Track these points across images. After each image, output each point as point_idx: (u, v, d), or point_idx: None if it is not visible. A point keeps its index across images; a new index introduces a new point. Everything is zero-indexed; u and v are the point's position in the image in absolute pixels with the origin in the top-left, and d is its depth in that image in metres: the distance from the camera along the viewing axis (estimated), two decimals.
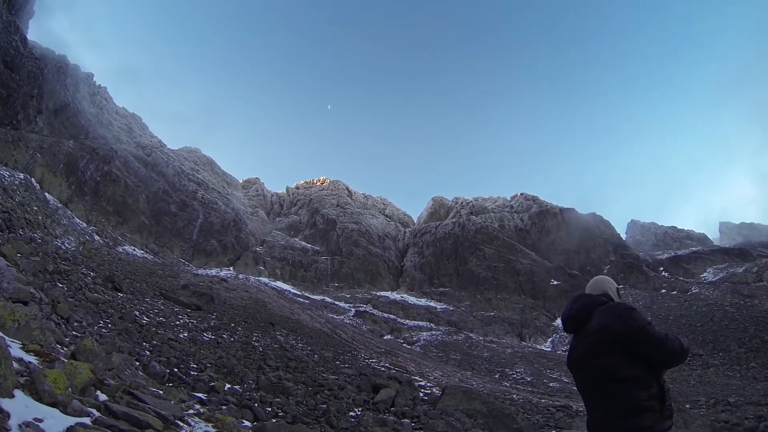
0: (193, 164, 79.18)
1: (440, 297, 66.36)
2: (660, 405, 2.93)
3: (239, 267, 60.58)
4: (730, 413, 19.38)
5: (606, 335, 3.05)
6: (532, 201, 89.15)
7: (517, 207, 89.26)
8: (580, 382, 3.26)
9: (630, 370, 2.95)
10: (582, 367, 3.20)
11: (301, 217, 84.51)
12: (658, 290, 63.32)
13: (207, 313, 25.39)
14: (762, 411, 18.79)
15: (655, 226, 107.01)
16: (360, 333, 43.16)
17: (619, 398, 2.91)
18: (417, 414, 13.98)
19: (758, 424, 15.69)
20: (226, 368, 14.04)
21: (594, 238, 79.32)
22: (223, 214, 67.81)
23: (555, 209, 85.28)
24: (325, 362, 22.30)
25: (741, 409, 20.50)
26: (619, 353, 2.99)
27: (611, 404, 2.94)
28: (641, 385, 2.93)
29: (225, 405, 9.83)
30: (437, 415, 14.07)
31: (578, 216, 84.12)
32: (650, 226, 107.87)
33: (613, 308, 3.18)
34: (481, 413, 14.58)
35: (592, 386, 3.10)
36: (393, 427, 12.06)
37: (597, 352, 3.07)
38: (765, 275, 58.97)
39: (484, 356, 43.53)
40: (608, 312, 3.16)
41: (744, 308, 47.76)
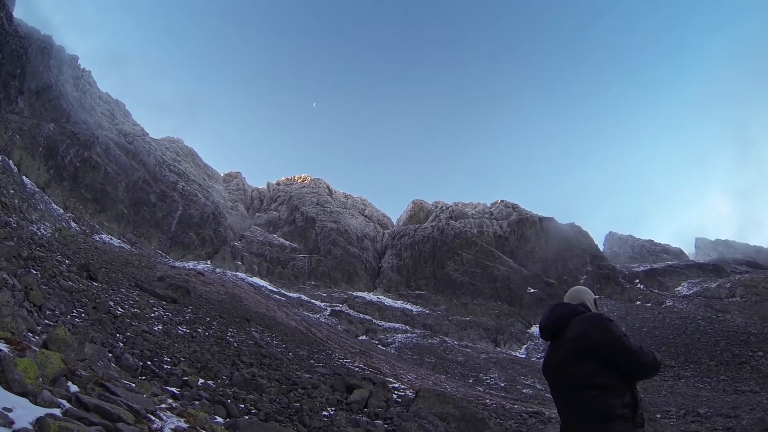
0: (174, 155, 78.22)
1: (416, 300, 66.43)
2: (632, 413, 2.96)
3: (217, 261, 60.05)
4: (699, 424, 19.71)
5: (582, 343, 3.08)
6: (512, 209, 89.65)
7: (496, 214, 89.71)
8: (555, 389, 3.28)
9: (604, 378, 2.98)
10: (557, 374, 3.23)
11: (280, 213, 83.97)
12: (633, 302, 64.18)
13: (182, 306, 25.10)
14: (731, 423, 19.14)
15: (632, 239, 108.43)
16: (335, 332, 43.03)
17: (593, 405, 2.93)
18: (390, 416, 13.95)
19: None
20: (200, 363, 13.88)
21: (572, 248, 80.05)
22: (203, 206, 67.14)
23: (534, 218, 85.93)
24: (299, 360, 22.19)
25: (710, 420, 20.84)
26: (595, 361, 3.03)
27: (585, 410, 2.96)
28: (615, 393, 2.96)
29: (198, 400, 9.71)
30: (410, 417, 14.06)
31: (557, 225, 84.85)
32: (628, 238, 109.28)
33: (590, 318, 3.21)
34: (454, 417, 14.60)
35: (567, 393, 3.12)
36: (366, 428, 12.02)
37: (573, 360, 3.11)
38: (737, 291, 60.15)
39: (459, 360, 43.67)
40: (585, 321, 3.19)
41: (716, 322, 48.63)
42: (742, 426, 17.83)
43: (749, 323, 46.90)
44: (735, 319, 49.28)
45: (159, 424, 6.18)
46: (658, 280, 73.93)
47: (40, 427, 3.93)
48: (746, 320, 48.47)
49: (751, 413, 21.58)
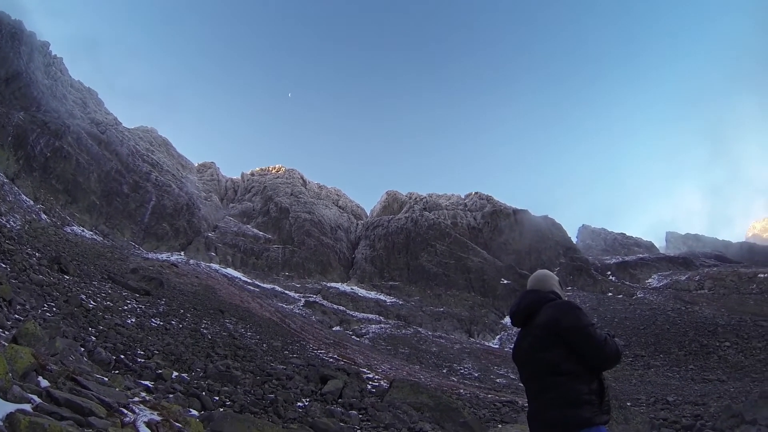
0: (148, 144, 76.78)
1: (390, 291, 66.53)
2: (599, 400, 3.01)
3: (190, 252, 59.33)
4: (668, 412, 20.15)
5: (551, 330, 3.12)
6: (486, 200, 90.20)
7: (470, 205, 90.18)
8: (524, 375, 3.33)
9: (573, 365, 3.03)
10: (527, 360, 3.27)
11: (254, 204, 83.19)
12: (605, 293, 65.26)
13: (156, 298, 24.78)
14: (698, 410, 19.58)
15: (605, 232, 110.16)
16: (309, 323, 42.92)
17: (561, 390, 2.98)
18: (364, 406, 14.00)
19: (695, 423, 16.30)
20: (174, 355, 13.73)
21: (545, 240, 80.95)
22: (177, 197, 66.19)
23: (508, 210, 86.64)
24: (273, 351, 22.10)
25: (679, 408, 21.31)
26: (563, 348, 3.07)
27: (553, 396, 3.00)
28: (583, 380, 3.00)
29: (172, 393, 9.61)
30: (385, 407, 14.12)
31: (531, 218, 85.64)
32: (600, 231, 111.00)
33: (560, 305, 3.26)
34: (428, 407, 14.68)
35: (536, 378, 3.16)
36: (340, 418, 12.05)
37: (542, 346, 3.14)
38: (706, 284, 61.76)
39: (433, 351, 43.90)
40: (555, 308, 3.23)
41: (685, 314, 49.74)
42: (710, 413, 18.24)
43: (717, 315, 48.03)
44: (703, 311, 50.44)
45: (132, 418, 6.11)
46: (629, 273, 75.50)
47: (10, 422, 3.86)
48: (714, 312, 49.61)
49: (718, 401, 22.11)
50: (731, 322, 44.33)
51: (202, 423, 7.77)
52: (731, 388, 27.74)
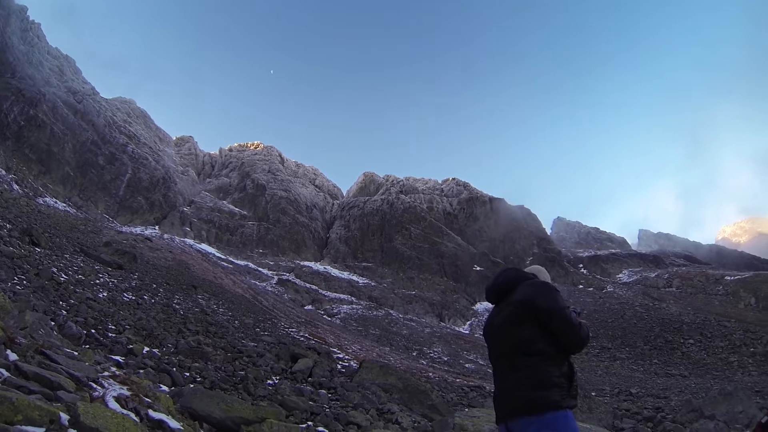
0: (125, 116, 75.03)
1: (363, 272, 66.78)
2: (568, 383, 2.99)
3: (165, 226, 58.70)
4: (631, 403, 20.72)
5: (527, 306, 3.09)
6: (463, 187, 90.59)
7: (447, 191, 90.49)
8: (494, 352, 3.28)
9: (544, 346, 3.00)
10: (499, 336, 3.23)
11: (231, 180, 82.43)
12: (576, 285, 66.50)
13: (129, 272, 24.50)
14: (660, 403, 20.19)
15: (579, 225, 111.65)
16: (281, 301, 42.93)
17: (531, 371, 2.95)
18: (334, 385, 14.07)
19: (656, 414, 16.80)
20: (146, 331, 13.63)
21: (520, 229, 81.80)
22: (153, 170, 65.21)
23: (485, 197, 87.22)
24: (245, 329, 22.08)
25: (642, 399, 21.94)
26: (536, 327, 3.04)
27: (522, 375, 2.97)
28: (554, 362, 2.99)
29: (143, 369, 9.57)
30: (354, 387, 14.23)
31: (507, 207, 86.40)
32: (575, 224, 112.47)
33: (538, 284, 3.23)
34: (397, 388, 14.82)
35: (506, 356, 3.14)
36: (310, 397, 12.11)
37: (516, 322, 3.11)
38: (674, 282, 63.33)
39: (403, 333, 44.27)
40: (533, 286, 3.20)
41: (652, 310, 51.06)
42: (670, 407, 18.79)
43: (683, 313, 49.35)
44: (670, 308, 51.81)
45: (101, 392, 6.08)
46: (601, 267, 77.02)
47: None
48: (680, 310, 50.97)
49: (679, 395, 22.83)
50: (696, 320, 45.64)
51: (172, 398, 7.77)
52: (692, 383, 28.66)
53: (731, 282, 58.73)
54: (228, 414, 7.90)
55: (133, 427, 4.85)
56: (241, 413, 8.02)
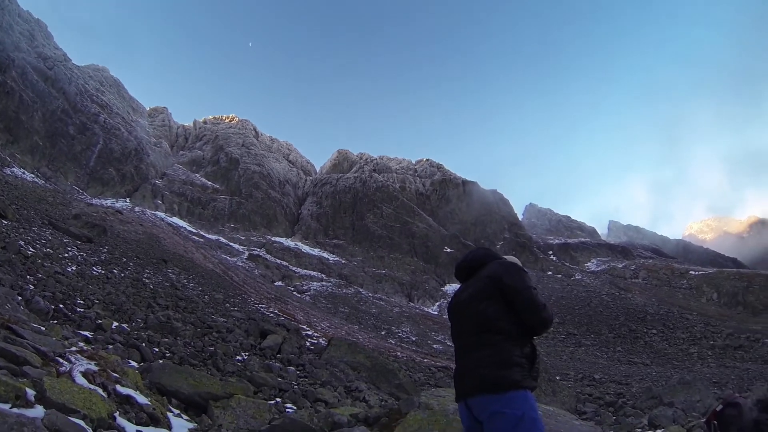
0: (98, 84, 72.81)
1: (333, 249, 66.68)
2: (530, 365, 2.97)
3: (136, 199, 57.60)
4: (594, 388, 21.28)
5: (494, 283, 3.07)
6: (437, 168, 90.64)
7: (420, 172, 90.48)
8: (458, 328, 3.25)
9: (508, 324, 2.97)
10: (463, 312, 3.20)
11: (205, 153, 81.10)
12: (545, 272, 67.40)
13: (98, 246, 24.12)
14: (622, 389, 20.80)
15: (551, 213, 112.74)
16: (252, 277, 42.74)
17: (494, 349, 2.93)
18: (302, 362, 14.15)
19: (617, 400, 17.32)
20: (115, 305, 13.49)
21: (492, 213, 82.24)
22: (125, 141, 63.65)
23: (458, 180, 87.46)
24: (215, 304, 21.99)
25: (604, 385, 22.55)
26: (502, 305, 3.01)
27: (485, 354, 2.94)
28: (516, 342, 2.96)
29: (111, 344, 9.50)
30: (322, 365, 14.32)
31: (480, 190, 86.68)
32: (546, 211, 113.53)
33: (507, 263, 3.21)
34: (364, 367, 14.94)
35: (469, 333, 3.10)
36: (278, 373, 12.16)
37: (482, 297, 3.08)
38: (641, 274, 64.91)
39: (372, 312, 44.50)
40: (502, 265, 3.19)
41: (618, 299, 52.27)
42: (631, 393, 19.35)
43: (648, 304, 50.69)
44: (635, 299, 53.10)
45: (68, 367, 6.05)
46: (570, 254, 78.23)
47: None
48: (645, 300, 52.28)
49: (640, 382, 23.53)
50: (660, 311, 46.93)
51: (140, 374, 7.76)
52: (653, 372, 29.46)
53: (695, 277, 60.28)
54: (196, 389, 7.93)
55: (100, 402, 4.86)
56: (209, 389, 8.05)
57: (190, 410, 7.58)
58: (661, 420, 9.06)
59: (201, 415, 7.35)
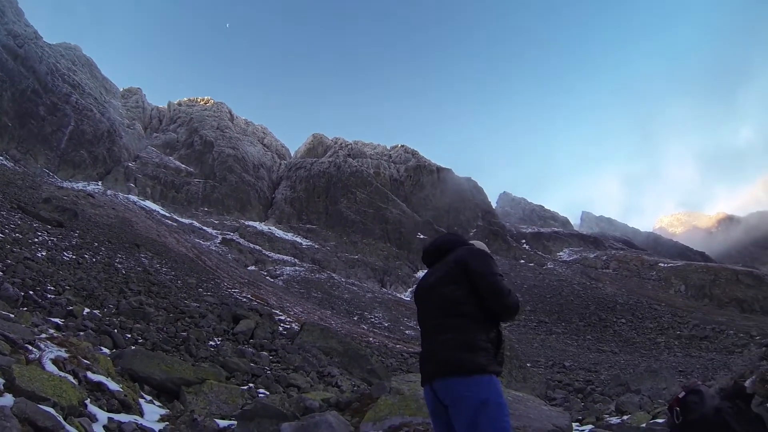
0: (70, 63, 70.24)
1: (307, 233, 66.38)
2: (495, 349, 2.97)
3: (108, 182, 56.47)
4: (564, 375, 21.75)
5: (461, 267, 3.06)
6: (412, 155, 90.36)
7: (395, 157, 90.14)
8: (423, 312, 3.24)
9: (474, 309, 2.96)
10: (430, 296, 3.19)
11: (179, 135, 79.41)
12: (517, 260, 68.04)
13: (69, 230, 23.66)
14: (591, 376, 21.31)
15: (524, 202, 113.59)
16: (225, 261, 42.45)
17: (459, 332, 2.91)
18: (275, 347, 14.16)
19: (586, 387, 17.79)
20: (86, 291, 13.30)
21: (466, 201, 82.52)
22: (98, 123, 62.08)
23: (433, 166, 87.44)
24: (188, 288, 21.85)
25: (574, 372, 23.03)
26: (468, 288, 3.00)
27: (450, 337, 2.93)
28: (482, 326, 2.95)
29: (83, 330, 9.39)
30: (295, 350, 14.36)
31: (454, 177, 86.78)
32: (520, 200, 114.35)
33: (474, 249, 3.20)
34: (337, 352, 15.03)
35: (435, 317, 3.09)
36: (251, 359, 12.18)
37: (449, 281, 3.07)
38: (612, 265, 66.09)
39: (345, 297, 44.55)
40: (469, 251, 3.18)
41: (589, 289, 53.17)
42: (600, 380, 19.84)
43: (617, 294, 51.70)
44: (606, 288, 54.09)
45: (37, 354, 6.00)
46: (543, 244, 79.04)
47: None
48: (615, 290, 53.31)
49: (609, 370, 24.08)
50: (629, 301, 47.90)
51: (112, 360, 7.72)
52: (622, 360, 30.16)
53: (664, 269, 61.65)
54: (169, 375, 7.94)
55: (70, 390, 4.85)
56: (181, 374, 8.06)
57: (162, 396, 7.59)
58: (628, 406, 9.32)
59: (173, 401, 7.37)
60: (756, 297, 50.12)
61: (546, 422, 5.52)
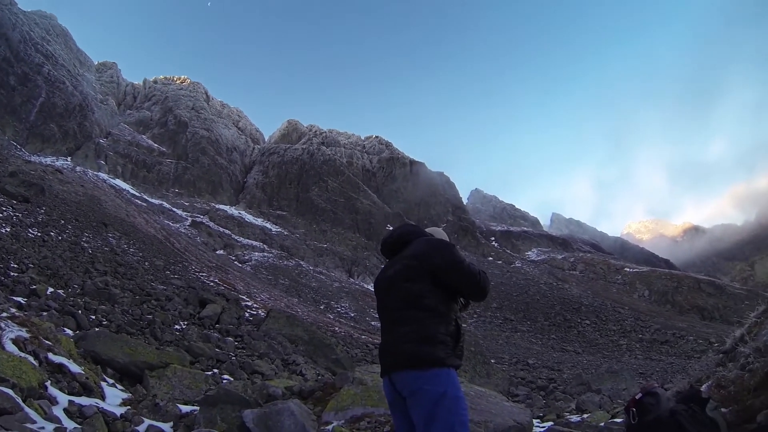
0: (44, 32, 67.63)
1: (277, 220, 65.81)
2: (454, 343, 2.96)
3: (78, 158, 55.02)
4: (527, 372, 22.15)
5: (421, 262, 3.02)
6: (385, 146, 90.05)
7: (369, 148, 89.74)
8: (383, 305, 3.21)
9: (435, 302, 2.94)
10: (389, 289, 3.15)
11: (153, 113, 77.59)
12: (486, 257, 68.53)
13: (35, 206, 23.10)
14: (553, 375, 21.74)
15: (496, 200, 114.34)
16: (193, 244, 41.91)
17: (419, 325, 2.89)
18: (241, 333, 14.13)
19: (548, 385, 18.20)
20: (51, 270, 13.04)
21: (437, 195, 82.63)
22: (70, 96, 60.22)
23: (406, 159, 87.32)
24: (155, 270, 21.56)
25: (537, 370, 23.46)
26: (428, 283, 2.97)
27: (409, 329, 2.91)
28: (442, 320, 2.94)
29: (46, 310, 9.24)
30: (260, 336, 14.35)
31: (427, 171, 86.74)
32: (492, 198, 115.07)
33: (434, 241, 3.17)
34: (302, 340, 15.05)
35: (394, 309, 3.06)
36: (216, 344, 12.14)
37: (408, 276, 3.03)
38: (579, 267, 67.08)
39: (312, 286, 44.40)
40: (429, 243, 3.14)
41: (555, 289, 53.99)
42: (562, 379, 20.29)
43: (583, 295, 52.61)
44: (572, 290, 54.91)
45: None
46: (512, 242, 79.76)
47: None
48: (581, 292, 54.21)
49: (571, 369, 24.57)
50: (594, 303, 48.80)
51: (75, 342, 7.63)
52: (584, 360, 30.77)
53: (630, 273, 62.80)
54: (132, 358, 7.87)
55: (31, 371, 4.81)
56: (145, 358, 8.01)
57: (125, 380, 7.54)
58: (588, 405, 9.56)
59: (136, 385, 7.33)
60: (716, 305, 51.28)
61: (507, 418, 5.65)
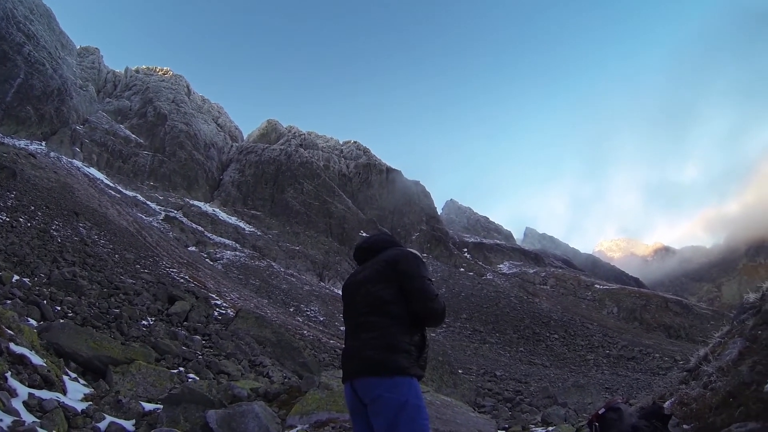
0: (27, 12, 65.36)
1: (250, 219, 65.18)
2: (418, 353, 2.95)
3: (53, 143, 53.75)
4: (494, 384, 22.32)
5: (391, 268, 3.03)
6: (363, 152, 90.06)
7: (347, 153, 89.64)
8: (349, 309, 3.19)
9: (402, 310, 2.94)
10: (357, 292, 3.14)
11: (132, 103, 76.22)
12: (457, 267, 68.68)
13: (5, 190, 22.53)
14: (520, 387, 21.94)
15: (470, 211, 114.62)
16: (165, 239, 41.28)
17: (384, 332, 2.88)
18: (209, 332, 14.00)
19: (515, 397, 18.36)
20: (17, 257, 12.75)
21: (412, 204, 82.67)
22: (49, 79, 58.73)
23: (383, 166, 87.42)
24: (125, 263, 21.19)
25: (504, 382, 23.65)
26: (396, 289, 2.98)
27: (374, 336, 2.89)
28: (407, 329, 2.92)
29: (10, 299, 9.02)
30: (228, 336, 14.22)
31: (403, 179, 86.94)
32: (466, 209, 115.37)
33: (406, 251, 3.16)
34: (270, 342, 14.96)
35: (361, 314, 3.04)
36: (183, 341, 11.99)
37: (378, 280, 3.04)
38: (549, 281, 67.76)
39: (283, 288, 44.11)
40: (401, 252, 3.14)
41: (525, 303, 54.41)
42: (529, 391, 20.45)
43: (553, 310, 53.15)
44: (542, 304, 55.43)
45: None
46: (484, 254, 79.95)
47: None
48: (551, 307, 54.76)
49: (538, 382, 24.85)
50: (563, 318, 49.31)
51: (38, 333, 7.47)
52: (552, 373, 31.15)
53: (600, 290, 63.74)
54: (96, 352, 7.73)
55: None
56: (109, 353, 7.87)
57: (88, 374, 7.41)
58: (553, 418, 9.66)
59: (99, 380, 7.21)
60: (683, 324, 52.44)
61: (472, 428, 5.69)
